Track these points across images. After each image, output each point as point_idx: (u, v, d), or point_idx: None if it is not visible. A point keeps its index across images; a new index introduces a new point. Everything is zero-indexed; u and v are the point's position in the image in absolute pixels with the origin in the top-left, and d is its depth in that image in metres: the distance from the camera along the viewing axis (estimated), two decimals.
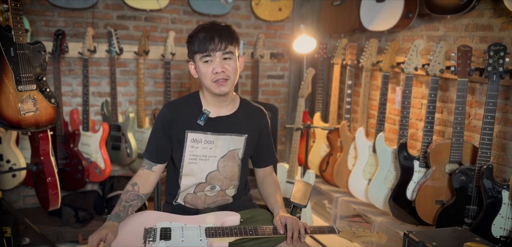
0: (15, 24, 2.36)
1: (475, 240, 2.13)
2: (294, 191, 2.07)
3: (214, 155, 1.87)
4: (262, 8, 4.00)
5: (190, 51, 1.81)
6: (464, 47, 2.57)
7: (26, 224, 2.82)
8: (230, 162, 1.90)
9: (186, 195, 1.92)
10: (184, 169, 1.88)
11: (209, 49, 1.75)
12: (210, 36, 1.74)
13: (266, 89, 4.27)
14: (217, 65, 1.75)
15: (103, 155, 3.42)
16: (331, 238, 3.38)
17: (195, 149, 1.86)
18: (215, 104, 1.87)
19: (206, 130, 1.86)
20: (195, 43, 1.77)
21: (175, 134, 1.87)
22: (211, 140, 1.86)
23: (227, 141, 1.87)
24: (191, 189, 1.90)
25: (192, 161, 1.86)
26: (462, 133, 2.59)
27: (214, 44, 1.74)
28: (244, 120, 1.91)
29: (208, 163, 1.86)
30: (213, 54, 1.75)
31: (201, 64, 1.78)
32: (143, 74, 3.63)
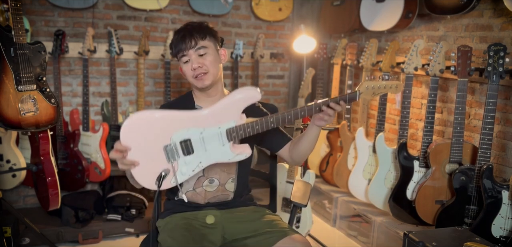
0: (15, 24, 2.36)
1: (475, 240, 2.13)
2: (294, 191, 2.07)
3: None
4: (262, 8, 4.00)
5: (173, 56, 1.92)
6: (464, 47, 2.57)
7: (26, 224, 2.82)
8: None
9: (186, 192, 1.93)
10: None
11: (183, 48, 1.84)
12: (181, 36, 1.84)
13: (266, 89, 4.27)
14: (193, 62, 1.83)
15: (103, 155, 3.42)
16: (331, 238, 3.39)
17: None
18: (206, 100, 1.93)
19: None
20: (173, 47, 1.88)
21: None
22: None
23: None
24: (190, 185, 1.91)
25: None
26: (462, 133, 2.59)
27: (185, 43, 1.83)
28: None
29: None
30: (187, 52, 1.84)
31: (182, 64, 1.88)
32: (143, 74, 3.63)
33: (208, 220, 1.89)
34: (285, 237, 1.76)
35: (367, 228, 3.20)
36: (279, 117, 1.72)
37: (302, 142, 1.88)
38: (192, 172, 1.76)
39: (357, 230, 3.31)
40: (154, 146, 1.72)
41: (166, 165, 1.73)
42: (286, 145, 1.98)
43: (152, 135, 1.71)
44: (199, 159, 1.75)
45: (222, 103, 1.72)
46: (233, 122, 1.72)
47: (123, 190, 3.54)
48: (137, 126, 1.70)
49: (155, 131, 1.71)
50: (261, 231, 1.82)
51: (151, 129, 1.71)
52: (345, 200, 3.46)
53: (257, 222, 1.89)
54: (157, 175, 1.72)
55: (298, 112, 1.72)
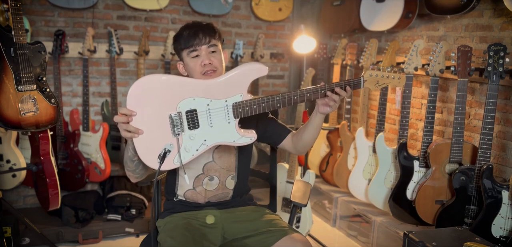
0: (15, 24, 2.37)
1: (475, 240, 2.13)
2: (294, 190, 2.07)
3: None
4: (262, 8, 4.00)
5: (177, 50, 1.89)
6: (464, 47, 2.57)
7: (26, 224, 2.82)
8: (226, 152, 1.92)
9: (186, 191, 1.93)
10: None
11: (195, 43, 1.83)
12: (194, 32, 1.83)
13: (266, 89, 4.27)
14: (204, 58, 1.83)
15: (103, 155, 3.42)
16: (331, 238, 3.39)
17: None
18: None
19: None
20: (181, 41, 1.85)
21: None
22: None
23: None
24: (190, 183, 1.91)
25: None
26: (462, 133, 2.59)
27: (199, 38, 1.83)
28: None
29: (203, 154, 1.87)
30: (199, 48, 1.83)
31: (189, 59, 1.85)
32: (143, 74, 3.63)
33: (208, 220, 1.89)
34: (285, 236, 1.76)
35: (367, 228, 3.20)
36: (285, 97, 1.72)
37: (306, 131, 1.89)
38: (196, 151, 1.73)
39: (357, 230, 3.31)
40: (159, 114, 1.69)
41: (170, 138, 1.70)
42: (288, 136, 1.99)
43: (159, 100, 1.69)
44: (204, 136, 1.73)
45: (230, 75, 1.71)
46: (239, 96, 1.72)
47: (123, 190, 3.54)
48: (144, 89, 1.68)
49: (162, 96, 1.69)
50: (261, 230, 1.82)
51: (159, 93, 1.69)
52: (345, 200, 3.46)
53: (257, 221, 1.89)
54: (160, 150, 1.70)
55: (304, 93, 1.72)
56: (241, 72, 1.72)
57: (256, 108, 1.72)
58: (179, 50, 1.88)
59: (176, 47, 1.89)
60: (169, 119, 1.70)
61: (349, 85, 1.73)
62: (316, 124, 1.86)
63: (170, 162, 1.72)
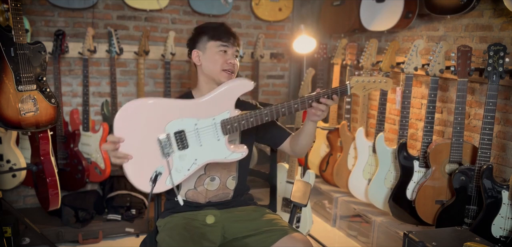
0: (15, 24, 2.37)
1: (475, 240, 2.13)
2: (294, 190, 2.07)
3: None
4: (262, 8, 4.00)
5: (203, 38, 1.89)
6: (464, 47, 2.57)
7: (26, 224, 2.82)
8: None
9: (187, 191, 1.93)
10: None
11: (229, 41, 1.88)
12: (230, 32, 1.91)
13: (266, 90, 4.27)
14: (230, 57, 1.88)
15: (103, 155, 3.42)
16: (331, 238, 3.39)
17: None
18: None
19: None
20: (217, 31, 1.88)
21: None
22: None
23: None
24: (191, 183, 1.91)
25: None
26: (462, 133, 2.59)
27: (233, 38, 1.90)
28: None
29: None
30: (230, 46, 1.89)
31: (215, 51, 1.88)
32: (143, 74, 3.63)
33: (208, 220, 1.89)
34: (286, 235, 1.76)
35: (367, 228, 3.20)
36: (273, 110, 1.73)
37: (301, 137, 1.91)
38: (188, 171, 1.75)
39: (357, 230, 3.31)
40: (148, 138, 1.70)
41: (160, 160, 1.71)
42: (287, 139, 2.01)
43: (146, 124, 1.69)
44: (194, 156, 1.74)
45: (216, 93, 1.72)
46: (227, 113, 1.72)
47: (123, 190, 3.54)
48: (130, 114, 1.69)
49: (149, 120, 1.69)
50: (261, 230, 1.83)
51: (145, 117, 1.69)
52: (345, 200, 3.46)
53: (257, 221, 1.89)
54: (151, 173, 1.70)
55: (291, 105, 1.74)
56: (226, 89, 1.73)
57: (244, 124, 1.73)
58: (203, 39, 1.89)
59: (202, 34, 1.90)
60: (157, 142, 1.71)
61: (335, 93, 1.74)
62: (309, 130, 1.88)
63: (163, 184, 1.73)
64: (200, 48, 1.91)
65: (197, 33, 1.93)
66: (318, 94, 1.74)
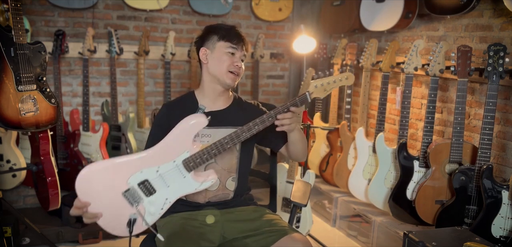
0: (15, 24, 2.37)
1: (475, 240, 2.13)
2: (294, 190, 2.07)
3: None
4: (262, 8, 4.00)
5: (213, 37, 1.92)
6: (464, 47, 2.57)
7: (26, 224, 2.82)
8: (228, 154, 1.92)
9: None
10: None
11: (239, 44, 1.92)
12: (241, 35, 1.94)
13: (266, 90, 4.27)
14: (237, 60, 1.92)
15: (103, 155, 3.42)
16: (331, 238, 3.39)
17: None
18: (212, 99, 1.96)
19: None
20: (227, 33, 1.91)
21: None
22: (208, 133, 1.90)
23: (223, 134, 1.89)
24: None
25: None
26: (462, 133, 2.59)
27: (242, 42, 1.94)
28: (238, 114, 1.97)
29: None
30: (239, 50, 1.92)
31: (224, 52, 1.90)
32: (143, 74, 3.63)
33: (208, 220, 1.89)
34: (285, 235, 1.76)
35: (367, 228, 3.20)
36: (233, 136, 1.74)
37: (290, 146, 1.95)
38: (161, 210, 1.77)
39: (357, 230, 3.31)
40: (113, 195, 1.71)
41: (132, 210, 1.73)
42: (285, 145, 2.02)
43: (108, 183, 1.70)
44: (164, 196, 1.75)
45: (169, 138, 1.73)
46: (186, 153, 1.73)
47: None
48: (89, 178, 1.70)
49: (109, 179, 1.71)
50: (261, 230, 1.82)
51: (105, 178, 1.71)
52: (345, 200, 3.46)
53: (257, 221, 1.89)
54: (125, 221, 1.72)
55: (251, 127, 1.75)
56: (180, 131, 1.73)
57: (206, 157, 1.74)
58: (212, 39, 1.92)
59: (212, 34, 1.92)
60: (123, 196, 1.72)
61: (295, 105, 1.76)
62: (291, 140, 1.91)
63: (140, 226, 1.76)
64: (208, 47, 1.93)
65: (208, 31, 1.95)
66: (277, 111, 1.76)
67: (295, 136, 1.89)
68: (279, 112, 1.76)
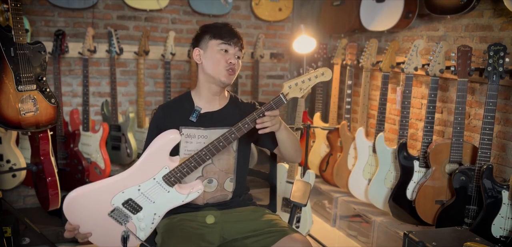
0: (15, 24, 2.36)
1: (475, 240, 2.13)
2: (293, 190, 2.07)
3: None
4: (262, 8, 4.00)
5: (205, 36, 1.90)
6: (464, 47, 2.57)
7: (26, 224, 2.82)
8: (225, 154, 1.92)
9: None
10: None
11: (232, 41, 1.88)
12: (234, 32, 1.90)
13: (266, 89, 4.27)
14: (232, 57, 1.88)
15: (103, 155, 3.42)
16: (331, 238, 3.39)
17: (189, 144, 1.90)
18: (208, 100, 1.94)
19: (199, 125, 1.91)
20: (219, 31, 1.89)
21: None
22: (204, 134, 1.90)
23: (219, 134, 1.89)
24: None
25: (186, 156, 1.88)
26: (462, 133, 2.59)
27: (236, 39, 1.90)
28: (235, 113, 1.95)
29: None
30: (233, 47, 1.88)
31: (217, 50, 1.88)
32: (143, 74, 3.63)
33: (208, 220, 1.89)
34: (285, 236, 1.76)
35: (367, 228, 3.20)
36: (210, 147, 1.74)
37: (279, 147, 1.93)
38: (152, 224, 1.78)
39: (357, 230, 3.31)
40: (100, 217, 1.74)
41: (122, 227, 1.75)
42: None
43: (93, 207, 1.73)
44: (152, 211, 1.77)
45: (146, 154, 1.72)
46: (165, 169, 1.73)
47: None
48: (74, 204, 1.72)
49: (93, 202, 1.73)
50: (261, 230, 1.82)
51: (89, 202, 1.73)
52: (345, 200, 3.46)
53: (257, 221, 1.89)
54: (118, 237, 1.75)
55: (228, 137, 1.75)
56: (154, 149, 1.71)
57: (186, 170, 1.74)
58: (205, 38, 1.90)
59: (204, 34, 1.90)
60: (110, 217, 1.74)
61: (270, 108, 1.74)
62: (281, 139, 1.88)
63: (135, 240, 1.78)
64: (201, 47, 1.91)
65: (201, 32, 1.94)
66: (253, 117, 1.74)
67: (282, 135, 1.86)
68: (256, 118, 1.74)
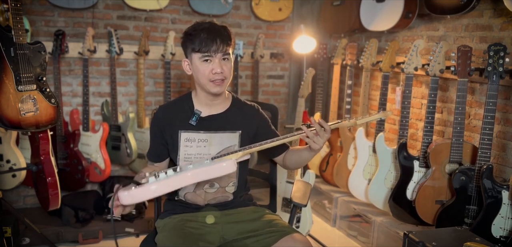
0: (15, 24, 2.36)
1: (475, 240, 2.13)
2: (294, 190, 2.07)
3: (209, 153, 1.88)
4: (262, 8, 4.00)
5: (188, 48, 1.83)
6: (464, 47, 2.57)
7: (26, 224, 2.82)
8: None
9: (186, 193, 1.93)
10: None
11: (211, 50, 1.78)
12: (212, 37, 1.77)
13: (266, 90, 4.27)
14: (216, 66, 1.79)
15: (103, 155, 3.42)
16: (331, 238, 3.39)
17: (189, 148, 1.88)
18: (208, 103, 1.91)
19: (199, 129, 1.88)
20: (195, 42, 1.79)
21: (169, 134, 1.90)
22: (204, 138, 1.88)
23: (220, 138, 1.88)
24: (191, 187, 1.91)
25: (187, 160, 1.88)
26: (462, 133, 2.59)
27: (216, 45, 1.77)
28: (237, 117, 1.93)
29: (203, 161, 1.87)
30: (215, 55, 1.79)
31: (199, 62, 1.81)
32: (143, 74, 3.63)
33: (208, 220, 1.89)
34: (286, 236, 1.76)
35: (367, 228, 3.20)
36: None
37: (294, 157, 1.95)
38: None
39: (357, 230, 3.31)
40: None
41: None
42: (282, 154, 2.01)
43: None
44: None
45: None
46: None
47: None
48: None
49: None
50: (261, 230, 1.82)
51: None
52: (345, 200, 3.46)
53: (257, 221, 1.89)
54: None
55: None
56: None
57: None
58: (190, 50, 1.82)
59: (186, 44, 1.82)
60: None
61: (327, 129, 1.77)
62: (304, 158, 1.90)
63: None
64: (188, 58, 1.86)
65: (183, 42, 1.84)
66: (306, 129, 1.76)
67: (311, 156, 1.87)
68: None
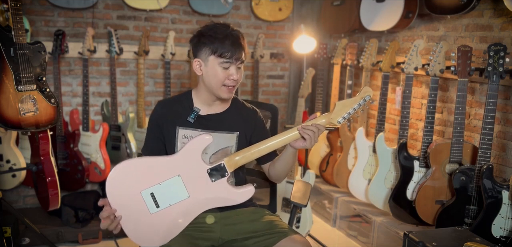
0: (15, 24, 2.36)
1: (475, 240, 2.13)
2: (294, 191, 2.07)
3: (205, 152, 1.87)
4: (262, 8, 4.00)
5: (205, 50, 1.79)
6: (464, 47, 2.57)
7: (26, 224, 2.82)
8: (223, 158, 1.90)
9: None
10: None
11: (234, 57, 1.78)
12: (237, 45, 1.78)
13: (266, 89, 4.27)
14: (234, 73, 1.79)
15: (103, 155, 3.42)
16: (331, 238, 3.39)
17: (185, 144, 1.87)
18: (209, 103, 1.89)
19: (197, 126, 1.88)
20: (216, 46, 1.76)
21: (166, 130, 1.90)
22: None
23: (217, 138, 1.88)
24: None
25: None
26: (462, 133, 2.59)
27: (239, 53, 1.79)
28: (236, 118, 1.93)
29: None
30: (235, 62, 1.79)
31: (218, 66, 1.78)
32: (143, 74, 3.63)
33: (208, 220, 1.88)
34: (285, 237, 1.76)
35: (367, 228, 3.19)
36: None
37: (278, 162, 1.91)
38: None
39: (357, 230, 3.31)
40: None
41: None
42: (267, 163, 1.99)
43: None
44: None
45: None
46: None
47: None
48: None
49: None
50: (261, 231, 1.82)
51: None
52: (345, 200, 3.46)
53: (256, 222, 1.88)
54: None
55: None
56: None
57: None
58: (205, 51, 1.78)
59: (203, 46, 1.78)
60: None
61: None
62: (287, 157, 1.87)
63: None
64: (201, 58, 1.81)
65: (199, 41, 1.80)
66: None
67: (293, 155, 1.85)
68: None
